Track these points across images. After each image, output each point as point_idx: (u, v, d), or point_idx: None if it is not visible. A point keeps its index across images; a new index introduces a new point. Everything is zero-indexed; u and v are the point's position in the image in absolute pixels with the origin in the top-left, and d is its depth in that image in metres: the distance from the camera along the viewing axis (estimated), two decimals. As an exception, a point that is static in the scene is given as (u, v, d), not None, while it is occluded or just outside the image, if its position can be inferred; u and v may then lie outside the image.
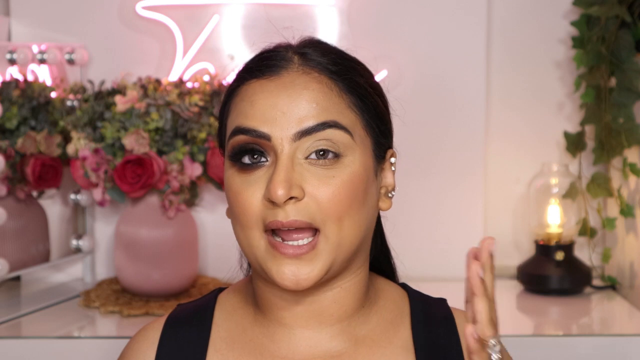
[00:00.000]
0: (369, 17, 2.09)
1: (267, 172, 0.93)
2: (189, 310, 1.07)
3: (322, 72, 0.96)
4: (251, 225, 0.94)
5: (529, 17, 2.16)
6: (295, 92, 0.94)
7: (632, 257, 1.99)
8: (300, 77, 0.95)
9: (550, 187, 2.08)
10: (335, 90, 0.95)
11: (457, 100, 2.11)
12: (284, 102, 0.93)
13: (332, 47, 1.00)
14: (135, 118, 1.81)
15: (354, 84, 0.97)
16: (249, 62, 1.01)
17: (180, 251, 1.91)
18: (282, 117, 0.93)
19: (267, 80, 0.95)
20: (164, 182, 1.84)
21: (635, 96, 1.95)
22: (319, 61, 0.97)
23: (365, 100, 0.97)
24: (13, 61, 1.91)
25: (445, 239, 2.12)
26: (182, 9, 2.09)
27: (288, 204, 0.91)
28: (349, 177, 0.93)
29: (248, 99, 0.96)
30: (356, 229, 0.95)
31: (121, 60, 2.08)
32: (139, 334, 1.07)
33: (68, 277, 2.12)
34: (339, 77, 0.96)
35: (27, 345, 1.71)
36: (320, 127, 0.93)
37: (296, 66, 0.96)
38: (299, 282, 0.92)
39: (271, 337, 1.00)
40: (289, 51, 0.98)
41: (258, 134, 0.93)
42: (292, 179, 0.92)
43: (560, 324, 1.92)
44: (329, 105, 0.94)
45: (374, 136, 0.98)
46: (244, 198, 0.94)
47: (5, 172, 1.87)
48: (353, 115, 0.96)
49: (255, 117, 0.94)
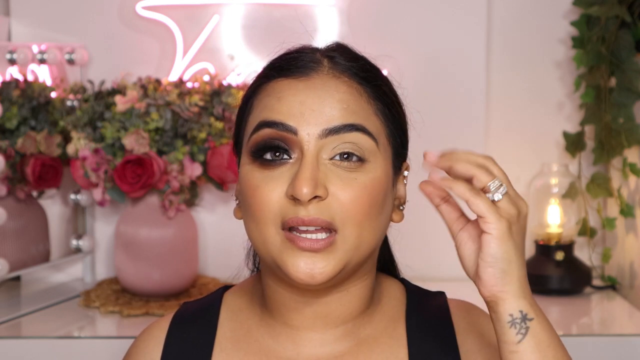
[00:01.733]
0: (369, 17, 2.09)
1: (290, 169, 0.93)
2: (195, 309, 1.07)
3: (352, 77, 0.96)
4: (267, 222, 0.93)
5: (529, 17, 2.16)
6: (326, 93, 0.94)
7: (632, 257, 1.99)
8: (330, 80, 0.95)
9: (550, 187, 2.08)
10: (365, 96, 0.95)
11: (457, 100, 2.11)
12: (313, 100, 0.93)
13: (357, 53, 1.00)
14: (135, 118, 1.81)
15: (382, 92, 0.97)
16: (275, 60, 0.99)
17: (180, 251, 1.91)
18: (311, 114, 0.92)
19: (296, 80, 0.95)
20: (164, 182, 1.84)
21: (635, 96, 1.95)
22: (348, 66, 0.96)
23: (391, 109, 0.97)
24: (13, 61, 1.91)
25: (445, 239, 2.11)
26: (182, 9, 2.09)
27: (311, 203, 0.91)
28: (371, 182, 0.93)
29: (275, 95, 0.95)
30: (374, 234, 0.95)
31: (121, 60, 2.08)
32: (145, 332, 1.07)
33: (68, 277, 2.12)
34: (368, 83, 0.96)
35: (27, 345, 1.71)
36: (347, 129, 0.93)
37: (326, 69, 0.96)
38: (314, 275, 0.91)
39: (276, 338, 1.00)
40: (316, 53, 0.98)
41: (285, 127, 0.92)
42: (317, 177, 0.91)
43: (560, 324, 1.92)
44: (358, 109, 0.94)
45: (395, 146, 0.98)
46: (263, 193, 0.93)
47: (5, 172, 1.87)
48: (379, 123, 0.96)
49: (282, 111, 0.93)
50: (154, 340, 1.05)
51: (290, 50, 1.00)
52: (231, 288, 1.08)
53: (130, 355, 1.06)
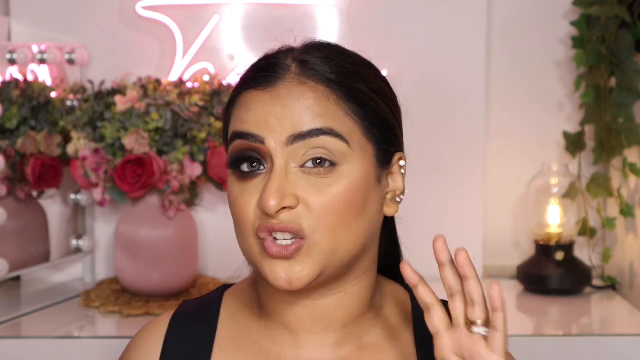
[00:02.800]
0: (369, 17, 2.09)
1: (263, 180, 0.93)
2: (195, 307, 1.07)
3: (319, 81, 0.94)
4: (247, 232, 0.94)
5: (529, 17, 2.16)
6: (291, 101, 0.93)
7: (632, 257, 1.99)
8: (296, 87, 0.94)
9: (550, 187, 2.08)
10: (332, 98, 0.94)
11: (457, 100, 2.11)
12: (278, 109, 0.93)
13: (335, 51, 0.99)
14: (135, 118, 1.81)
15: (353, 90, 0.95)
16: (247, 71, 1.00)
17: (180, 251, 1.91)
18: (277, 123, 0.92)
19: (263, 92, 0.95)
20: (164, 182, 1.84)
21: (635, 96, 1.95)
22: (318, 70, 0.95)
23: (364, 106, 0.95)
24: (13, 61, 1.91)
25: (445, 239, 2.11)
26: (182, 9, 2.09)
27: (281, 213, 0.91)
28: (345, 187, 0.92)
29: (245, 107, 0.96)
30: (352, 237, 0.94)
31: (121, 60, 2.08)
32: (144, 329, 1.07)
33: (68, 277, 2.12)
34: (336, 85, 0.95)
35: (27, 345, 1.71)
36: (314, 133, 0.92)
37: (292, 76, 0.95)
38: (291, 281, 0.92)
39: (276, 340, 1.00)
40: (288, 57, 0.97)
41: (253, 138, 0.93)
42: (285, 188, 0.91)
43: (560, 324, 1.92)
44: (325, 112, 0.93)
45: (376, 142, 0.96)
46: (240, 206, 0.94)
47: (5, 172, 1.87)
48: (351, 123, 0.94)
49: (250, 122, 0.94)
50: (153, 337, 1.05)
51: (264, 56, 1.00)
52: (231, 287, 1.08)
53: (130, 351, 1.06)
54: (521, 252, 2.19)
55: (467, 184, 2.12)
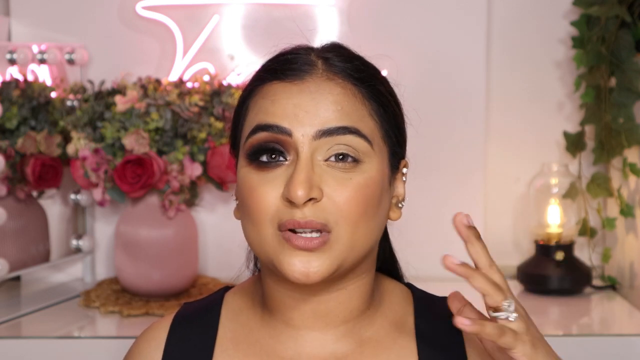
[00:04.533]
0: (369, 17, 2.09)
1: (286, 171, 0.93)
2: (196, 310, 1.07)
3: (346, 78, 0.95)
4: (264, 223, 0.94)
5: (529, 17, 2.16)
6: (320, 96, 0.94)
7: (632, 257, 1.99)
8: (324, 82, 0.95)
9: (550, 187, 2.09)
10: (359, 97, 0.95)
11: (457, 100, 2.11)
12: (307, 103, 0.93)
13: (354, 53, 1.00)
14: (135, 118, 1.81)
15: (377, 91, 0.97)
16: (270, 63, 0.99)
17: (180, 251, 1.91)
18: (305, 116, 0.93)
19: (290, 84, 0.95)
20: (164, 182, 1.84)
21: (635, 96, 1.95)
22: (343, 67, 0.96)
23: (386, 108, 0.97)
24: (13, 61, 1.91)
25: (445, 239, 2.11)
26: (182, 9, 2.09)
27: (307, 205, 0.91)
28: (365, 181, 0.93)
29: (270, 98, 0.95)
30: (369, 234, 0.95)
31: (121, 60, 2.08)
32: (145, 333, 1.07)
33: (68, 277, 2.12)
34: (362, 83, 0.96)
35: (27, 345, 1.71)
36: (341, 131, 0.93)
37: (320, 71, 0.96)
38: (309, 274, 0.92)
39: (277, 337, 1.00)
40: (311, 54, 0.98)
41: (280, 130, 0.93)
42: (312, 179, 0.92)
43: (560, 324, 1.92)
44: (352, 111, 0.94)
45: (391, 145, 0.98)
46: (259, 194, 0.94)
47: (5, 172, 1.87)
48: (373, 124, 0.96)
49: (277, 114, 0.94)
50: (154, 341, 1.05)
51: (285, 51, 0.99)
52: (232, 289, 1.08)
53: (132, 355, 1.06)
54: (521, 252, 2.19)
55: (467, 184, 2.12)
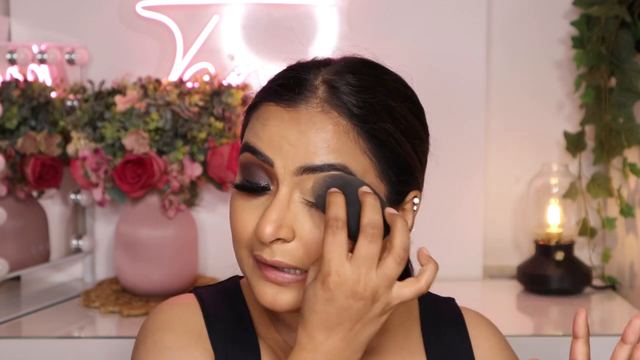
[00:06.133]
0: (369, 17, 2.09)
1: (266, 201, 0.91)
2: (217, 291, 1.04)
3: (343, 114, 0.90)
4: (241, 245, 0.94)
5: (529, 17, 2.16)
6: (309, 130, 0.89)
7: (632, 257, 1.99)
8: (317, 115, 0.89)
9: (550, 187, 2.08)
10: (352, 134, 0.89)
11: (457, 100, 2.11)
12: (294, 135, 0.89)
13: (372, 76, 0.94)
14: (135, 118, 1.81)
15: (376, 130, 0.91)
16: (274, 79, 0.96)
17: (180, 251, 1.91)
18: (290, 149, 0.89)
19: (283, 109, 0.91)
20: (164, 182, 1.84)
21: (635, 96, 1.95)
22: (345, 100, 0.90)
23: (384, 147, 0.91)
24: (13, 61, 1.91)
25: (445, 239, 2.11)
26: (182, 9, 2.09)
27: (275, 244, 0.89)
28: None
29: (262, 121, 0.92)
30: None
31: (121, 60, 2.08)
32: (174, 305, 1.00)
33: (68, 277, 2.12)
34: (360, 121, 0.90)
35: (27, 345, 1.71)
36: (326, 168, 0.88)
37: (317, 101, 0.90)
38: (275, 305, 0.91)
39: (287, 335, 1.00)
40: (318, 76, 0.92)
41: (263, 158, 0.90)
42: (284, 219, 0.89)
43: (560, 324, 1.92)
44: (341, 147, 0.89)
45: (390, 184, 0.93)
46: (239, 220, 0.93)
47: (5, 172, 1.87)
48: (367, 162, 0.90)
49: (263, 139, 0.91)
50: (189, 307, 1.00)
51: (294, 67, 0.95)
52: (242, 278, 1.06)
53: (172, 322, 0.98)
54: (521, 252, 2.19)
55: (467, 184, 2.12)
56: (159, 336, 0.96)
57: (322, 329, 0.84)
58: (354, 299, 0.83)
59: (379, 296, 0.83)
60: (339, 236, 0.83)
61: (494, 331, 1.09)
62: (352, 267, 0.83)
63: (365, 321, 0.84)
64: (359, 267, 0.82)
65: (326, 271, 0.83)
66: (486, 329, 1.08)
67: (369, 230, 0.83)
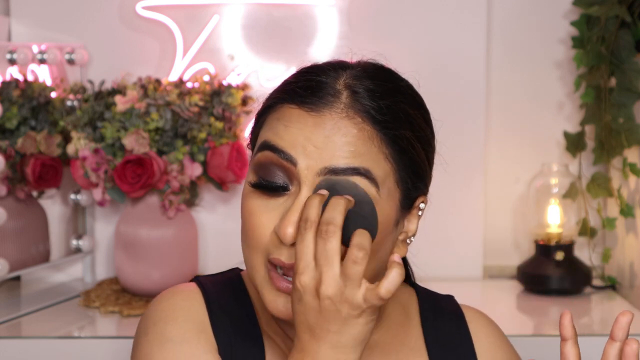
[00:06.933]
0: (369, 17, 2.09)
1: (287, 201, 0.90)
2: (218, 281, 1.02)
3: (367, 119, 0.90)
4: (256, 251, 0.92)
5: (529, 17, 2.16)
6: (334, 135, 0.89)
7: (632, 257, 1.99)
8: (342, 120, 0.90)
9: (550, 187, 2.08)
10: (376, 140, 0.90)
11: (457, 100, 2.11)
12: (319, 139, 0.89)
13: (389, 82, 0.95)
14: (135, 118, 1.81)
15: (398, 137, 0.92)
16: (293, 80, 0.95)
17: (180, 251, 1.91)
18: (314, 151, 0.89)
19: (307, 114, 0.90)
20: (164, 182, 1.84)
21: (635, 96, 1.95)
22: (368, 106, 0.91)
23: (405, 154, 0.92)
24: (13, 61, 1.91)
25: (445, 239, 2.12)
26: (182, 9, 2.09)
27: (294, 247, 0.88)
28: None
29: (283, 122, 0.91)
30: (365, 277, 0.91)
31: (121, 60, 2.08)
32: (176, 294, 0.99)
33: (68, 277, 2.12)
34: (383, 127, 0.91)
35: (27, 345, 1.71)
36: (349, 172, 0.88)
37: (342, 106, 0.90)
38: (288, 315, 0.90)
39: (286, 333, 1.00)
40: (339, 80, 0.92)
41: (285, 156, 0.90)
42: None
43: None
44: (365, 152, 0.89)
45: (405, 190, 0.93)
46: (256, 222, 0.91)
47: (5, 172, 1.87)
48: (388, 167, 0.91)
49: (286, 139, 0.90)
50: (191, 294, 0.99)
51: (313, 69, 0.95)
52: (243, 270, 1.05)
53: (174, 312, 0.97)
54: (521, 252, 2.19)
55: (467, 184, 2.12)
56: (161, 327, 0.95)
57: (305, 329, 0.85)
58: (320, 297, 0.84)
59: (346, 296, 0.83)
60: (307, 236, 0.84)
61: (494, 328, 1.09)
62: (316, 266, 0.84)
63: (340, 322, 0.84)
64: (321, 265, 0.84)
65: (296, 271, 0.84)
66: (486, 326, 1.08)
67: (323, 227, 0.84)
